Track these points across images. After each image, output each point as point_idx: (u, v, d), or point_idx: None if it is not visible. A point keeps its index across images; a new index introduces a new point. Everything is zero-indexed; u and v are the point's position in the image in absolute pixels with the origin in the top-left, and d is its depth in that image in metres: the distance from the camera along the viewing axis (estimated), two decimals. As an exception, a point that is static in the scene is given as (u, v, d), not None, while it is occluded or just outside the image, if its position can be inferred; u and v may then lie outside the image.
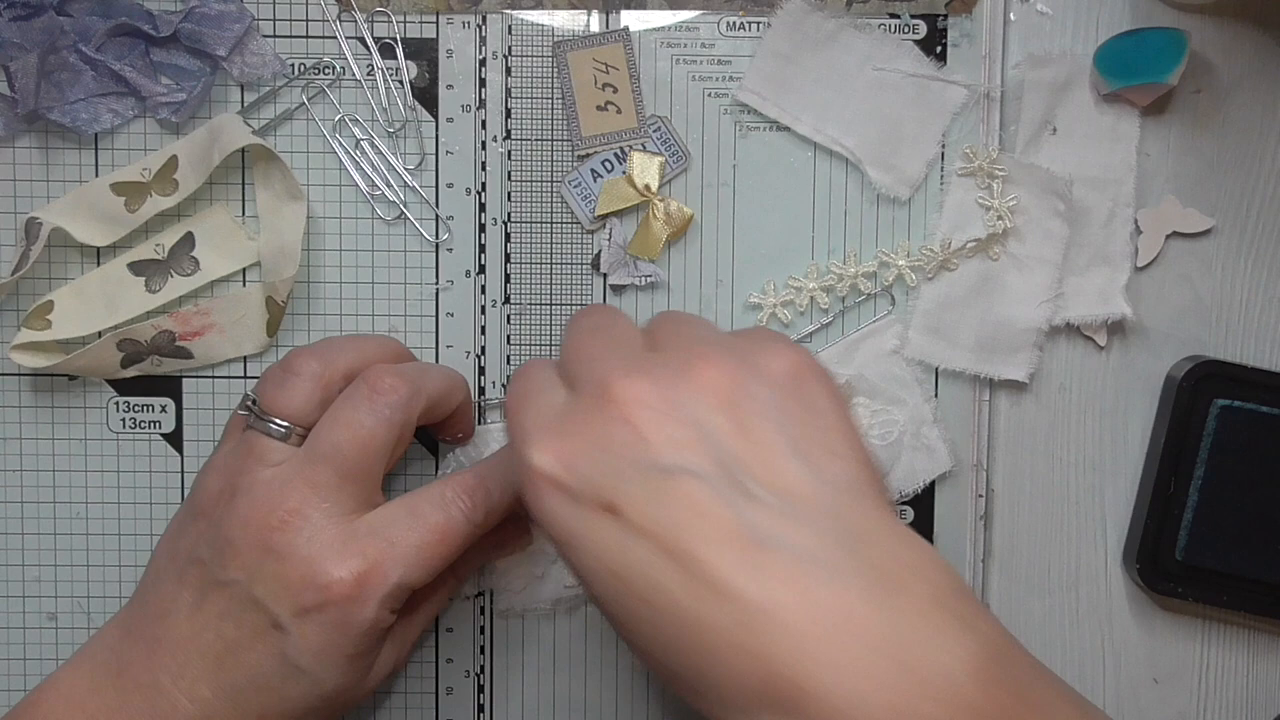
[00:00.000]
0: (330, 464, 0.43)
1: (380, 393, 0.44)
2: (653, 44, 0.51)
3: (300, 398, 0.44)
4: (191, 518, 0.45)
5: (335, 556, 0.42)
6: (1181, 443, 0.50)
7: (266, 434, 0.44)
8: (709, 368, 0.35)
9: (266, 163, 0.51)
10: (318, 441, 0.44)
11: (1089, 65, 0.51)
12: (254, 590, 0.42)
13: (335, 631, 0.42)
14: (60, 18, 0.50)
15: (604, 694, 0.53)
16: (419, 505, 0.44)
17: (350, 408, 0.44)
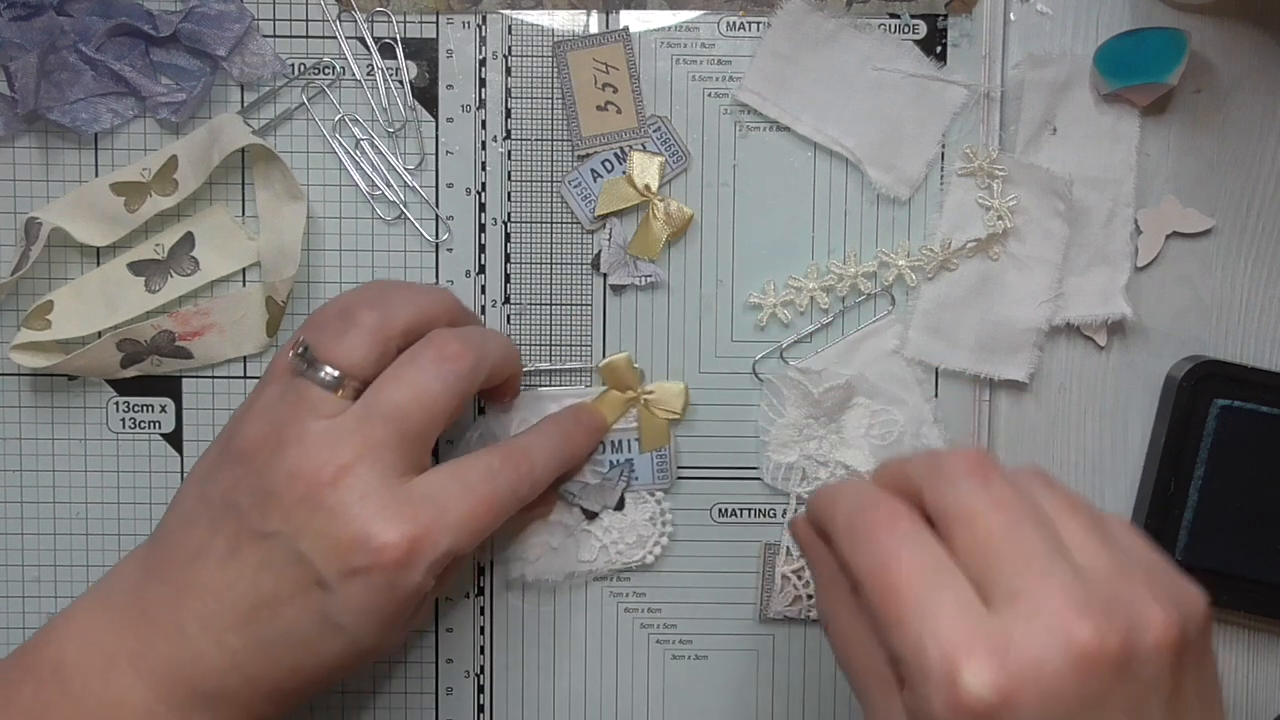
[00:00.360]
0: (391, 424, 0.42)
1: (448, 359, 0.43)
2: (653, 44, 0.51)
3: (359, 350, 0.43)
4: (228, 461, 0.43)
5: (388, 519, 0.41)
6: (1181, 443, 0.50)
7: (318, 383, 0.43)
8: (1158, 618, 0.32)
9: (266, 163, 0.51)
10: (379, 399, 0.42)
11: (1089, 65, 0.51)
12: (299, 545, 0.41)
13: (381, 594, 0.41)
14: (60, 18, 0.50)
15: (604, 694, 0.53)
16: (468, 474, 0.43)
17: (416, 369, 0.43)
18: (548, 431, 0.47)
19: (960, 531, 0.34)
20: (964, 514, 0.34)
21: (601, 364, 0.52)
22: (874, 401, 0.52)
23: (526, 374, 0.52)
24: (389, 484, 0.41)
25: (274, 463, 0.41)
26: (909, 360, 0.52)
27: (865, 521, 0.35)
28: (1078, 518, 0.35)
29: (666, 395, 0.52)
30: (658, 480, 0.52)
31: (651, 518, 0.52)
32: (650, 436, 0.52)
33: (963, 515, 0.34)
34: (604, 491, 0.51)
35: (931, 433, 0.52)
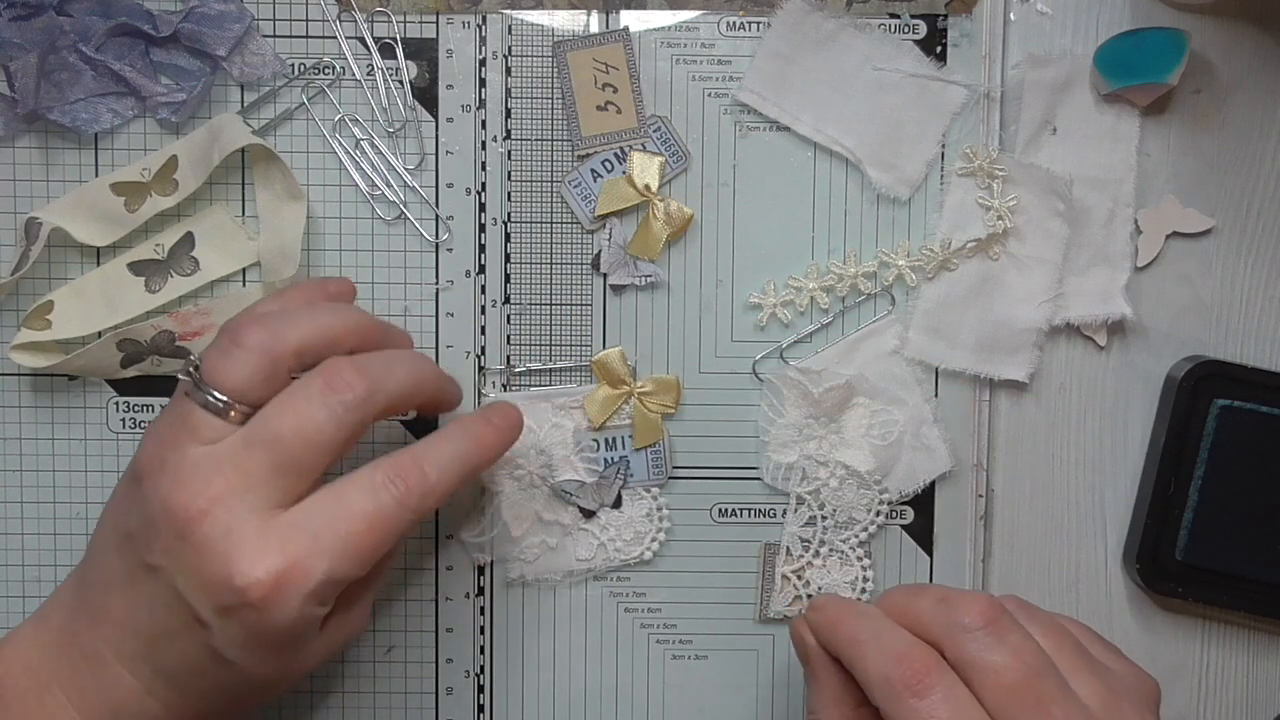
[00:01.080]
0: (268, 453, 0.40)
1: (336, 389, 0.41)
2: (653, 44, 0.51)
3: (244, 372, 0.41)
4: (128, 481, 0.42)
5: (253, 554, 0.39)
6: (1181, 443, 0.50)
7: (203, 406, 0.41)
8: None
9: (266, 163, 0.51)
10: (260, 427, 0.40)
11: (1089, 65, 0.51)
12: (175, 581, 0.40)
13: (256, 629, 0.40)
14: (60, 18, 0.50)
15: (604, 694, 0.53)
16: (346, 492, 0.41)
17: (302, 398, 0.41)
18: (448, 435, 0.44)
19: (987, 684, 0.37)
20: (987, 668, 0.38)
21: (594, 358, 0.52)
22: (874, 401, 0.52)
23: (525, 374, 0.52)
24: (259, 515, 0.40)
25: (155, 490, 0.40)
26: (909, 360, 0.52)
27: (903, 677, 0.38)
28: (1066, 648, 0.40)
29: (659, 389, 0.52)
30: (653, 476, 0.52)
31: (648, 514, 0.52)
32: (643, 432, 0.52)
33: (987, 669, 0.38)
34: (601, 489, 0.51)
35: (931, 433, 0.52)
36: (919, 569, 0.53)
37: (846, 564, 0.52)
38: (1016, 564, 0.53)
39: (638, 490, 0.52)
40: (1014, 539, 0.53)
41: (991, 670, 0.38)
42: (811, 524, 0.52)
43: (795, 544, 0.52)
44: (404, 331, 0.49)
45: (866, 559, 0.52)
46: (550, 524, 0.52)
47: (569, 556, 0.52)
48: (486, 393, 0.52)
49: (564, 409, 0.52)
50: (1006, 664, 0.37)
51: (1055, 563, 0.53)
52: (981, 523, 0.52)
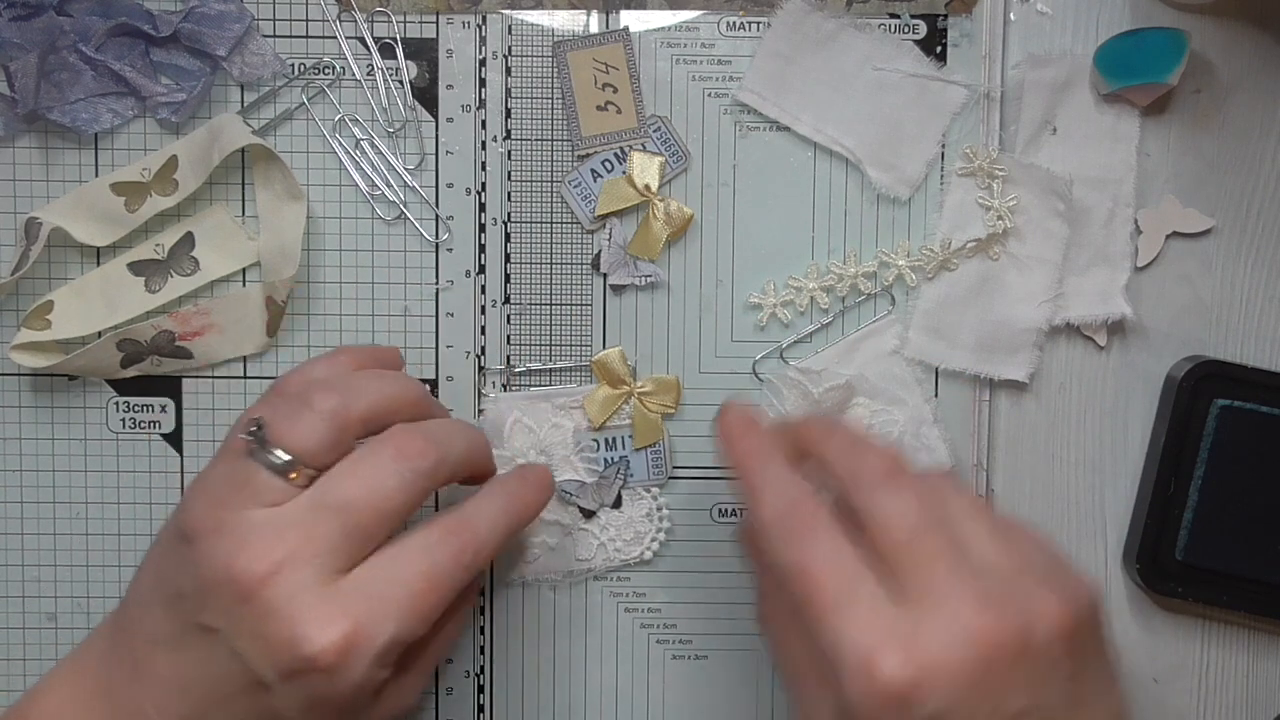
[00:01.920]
0: (337, 519, 0.40)
1: (409, 456, 0.41)
2: (653, 44, 0.51)
3: (314, 435, 0.40)
4: (176, 540, 0.41)
5: (320, 619, 0.38)
6: (1181, 443, 0.50)
7: (268, 467, 0.40)
8: (1052, 609, 0.37)
9: (266, 163, 0.51)
10: (328, 491, 0.40)
11: (1089, 65, 0.51)
12: (236, 644, 0.39)
13: (322, 694, 0.39)
14: (60, 18, 0.50)
15: (604, 694, 0.53)
16: (403, 554, 0.41)
17: (373, 464, 0.41)
18: (492, 495, 0.44)
19: (878, 535, 0.37)
20: (881, 520, 0.38)
21: (594, 358, 0.52)
22: (874, 401, 0.52)
23: (525, 373, 0.52)
24: (325, 581, 0.39)
25: (213, 552, 0.39)
26: (909, 360, 0.52)
27: (788, 524, 0.38)
28: (981, 521, 0.39)
29: (660, 389, 0.52)
30: (653, 476, 0.52)
31: (648, 514, 0.52)
32: (643, 432, 0.52)
33: (880, 521, 0.38)
34: (601, 490, 0.51)
35: (931, 433, 0.52)
36: (919, 569, 0.52)
37: (846, 564, 0.52)
38: (1016, 564, 0.53)
39: (637, 490, 0.52)
40: (1014, 539, 0.53)
41: (883, 522, 0.37)
42: (811, 524, 0.52)
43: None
44: (445, 408, 0.50)
45: (866, 559, 0.52)
46: (550, 524, 0.52)
47: (569, 557, 0.52)
48: (486, 392, 0.52)
49: (564, 409, 0.52)
50: (898, 517, 0.37)
51: (1055, 563, 0.53)
52: (981, 523, 0.52)
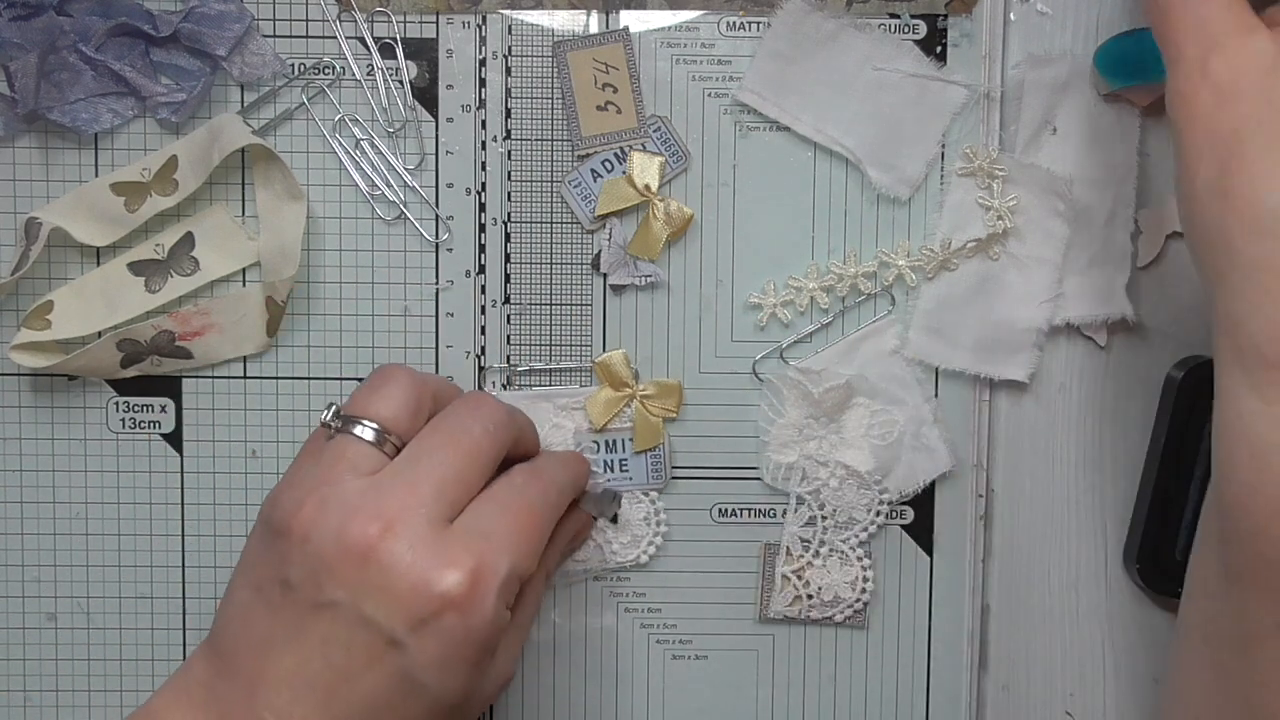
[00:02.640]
0: (436, 471, 0.41)
1: (485, 408, 0.44)
2: (653, 44, 0.51)
3: (396, 402, 0.43)
4: (272, 537, 0.41)
5: (445, 561, 0.39)
6: (1181, 443, 0.50)
7: (358, 439, 0.42)
8: None
9: (266, 163, 0.51)
10: (421, 449, 0.42)
11: (1089, 65, 0.51)
12: (363, 608, 0.39)
13: (458, 638, 0.39)
14: (60, 18, 0.50)
15: (604, 694, 0.53)
16: (499, 495, 0.43)
17: (455, 418, 0.43)
18: (551, 459, 0.47)
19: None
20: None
21: (597, 360, 0.52)
22: (874, 401, 0.52)
23: (527, 373, 0.52)
24: (437, 529, 0.40)
25: (320, 527, 0.40)
26: (909, 360, 0.52)
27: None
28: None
29: (662, 393, 0.52)
30: (652, 480, 0.52)
31: (646, 517, 0.52)
32: (644, 435, 0.52)
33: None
34: (603, 502, 0.51)
35: (931, 433, 0.52)
36: (919, 569, 0.53)
37: (846, 564, 0.52)
38: (1016, 564, 0.53)
39: (636, 494, 0.52)
40: (1014, 539, 0.53)
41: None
42: (811, 524, 0.52)
43: (795, 544, 0.52)
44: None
45: (866, 559, 0.52)
46: None
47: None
48: (487, 392, 0.52)
49: (565, 409, 0.52)
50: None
51: (1055, 563, 0.53)
52: (981, 523, 0.52)
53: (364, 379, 0.45)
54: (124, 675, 0.53)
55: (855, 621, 0.53)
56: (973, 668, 0.53)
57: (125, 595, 0.53)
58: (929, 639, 0.53)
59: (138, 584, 0.53)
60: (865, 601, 0.52)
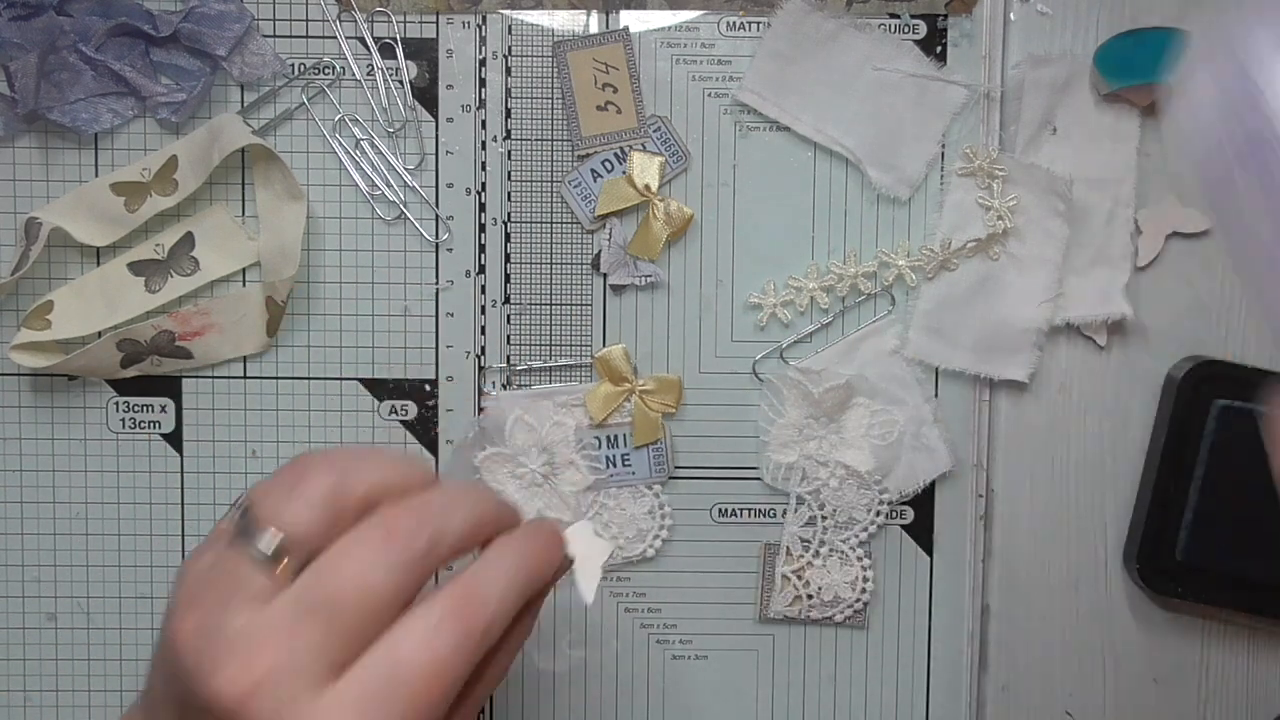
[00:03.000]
0: (322, 621, 0.36)
1: (399, 539, 0.37)
2: (653, 44, 0.51)
3: (306, 514, 0.36)
4: (165, 647, 0.37)
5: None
6: (1181, 443, 0.50)
7: (252, 558, 0.36)
8: None
9: (266, 163, 0.51)
10: (313, 588, 0.36)
11: (1089, 65, 0.51)
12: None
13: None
14: (60, 18, 0.50)
15: (604, 694, 0.53)
16: (401, 644, 0.36)
17: (360, 553, 0.36)
18: (501, 555, 0.39)
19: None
20: None
21: (597, 354, 0.52)
22: (874, 401, 0.52)
23: (526, 372, 0.52)
24: (313, 692, 0.35)
25: (195, 668, 0.36)
26: (909, 360, 0.52)
27: None
28: None
29: (661, 388, 0.52)
30: (654, 474, 0.52)
31: (650, 511, 0.52)
32: (643, 430, 0.52)
33: None
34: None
35: (931, 433, 0.52)
36: (919, 569, 0.53)
37: (846, 564, 0.52)
38: (1016, 564, 0.53)
39: (639, 488, 0.52)
40: (1014, 539, 0.53)
41: None
42: (811, 524, 0.52)
43: (795, 544, 0.52)
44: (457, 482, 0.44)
45: (866, 559, 0.52)
46: None
47: (569, 556, 0.52)
48: (488, 391, 0.52)
49: (565, 406, 0.52)
50: None
51: (1055, 563, 0.53)
52: (981, 523, 0.52)
53: (280, 468, 0.38)
54: (124, 675, 0.53)
55: (855, 621, 0.53)
56: (973, 668, 0.53)
57: (125, 595, 0.53)
58: (929, 639, 0.53)
59: (138, 584, 0.53)
60: (865, 601, 0.52)
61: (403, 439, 0.52)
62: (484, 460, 0.52)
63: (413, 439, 0.52)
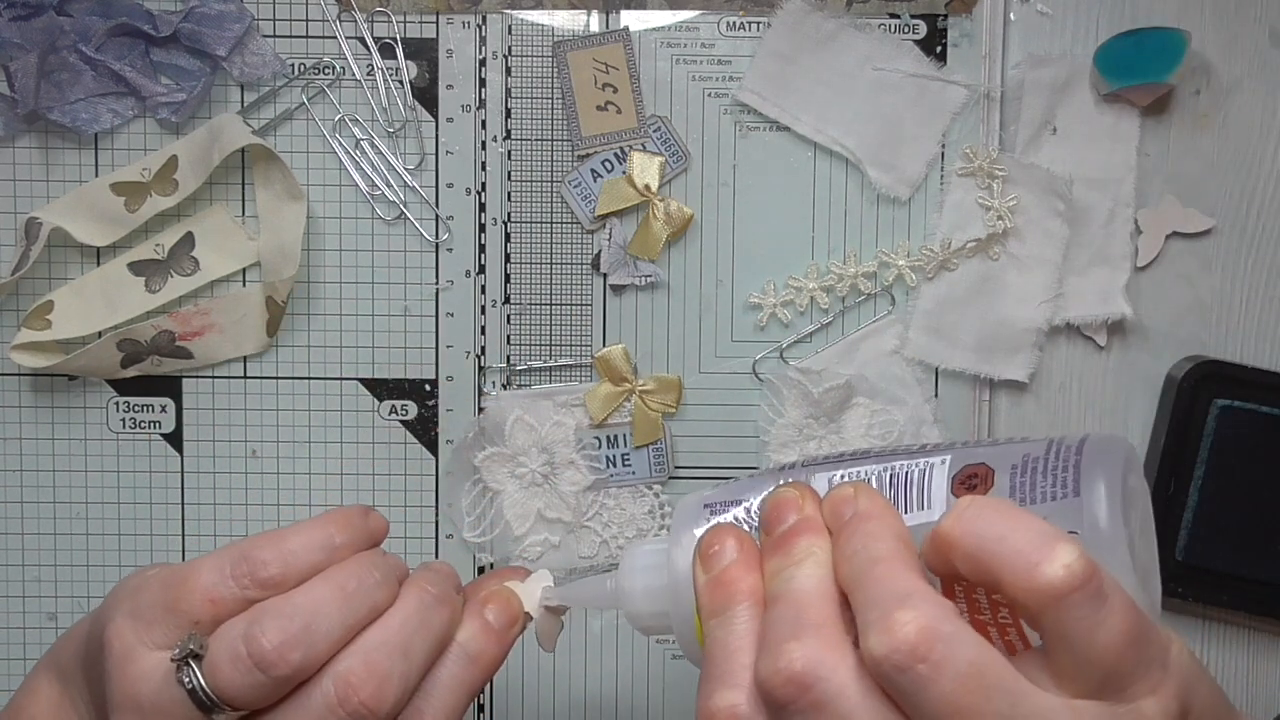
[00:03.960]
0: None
1: (348, 708, 0.34)
2: (653, 44, 0.51)
3: (256, 695, 0.34)
4: (100, 653, 0.36)
5: None
6: (1181, 443, 0.50)
7: (195, 703, 0.34)
8: None
9: (266, 163, 0.51)
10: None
11: (1089, 65, 0.51)
12: None
13: None
14: (60, 18, 0.50)
15: (604, 694, 0.53)
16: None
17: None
18: (449, 665, 0.37)
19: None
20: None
21: (597, 354, 0.52)
22: (874, 401, 0.52)
23: (526, 372, 0.52)
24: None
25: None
26: (909, 360, 0.52)
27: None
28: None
29: (661, 388, 0.52)
30: (654, 473, 0.52)
31: (650, 511, 0.52)
32: (643, 430, 0.52)
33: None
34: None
35: (931, 433, 0.52)
36: (919, 569, 0.52)
37: (846, 564, 0.52)
38: (1016, 564, 0.53)
39: (639, 488, 0.52)
40: (1014, 539, 0.53)
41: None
42: (811, 524, 0.52)
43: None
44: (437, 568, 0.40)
45: (866, 559, 0.52)
46: (553, 522, 0.52)
47: (571, 554, 0.52)
48: (488, 391, 0.52)
49: (565, 406, 0.52)
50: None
51: (1055, 563, 0.53)
52: (981, 523, 0.52)
53: (277, 536, 0.36)
54: (124, 675, 0.53)
55: (855, 621, 0.53)
56: (973, 668, 0.53)
57: (125, 595, 0.53)
58: (929, 639, 0.53)
59: (138, 584, 0.53)
60: (865, 601, 0.52)
61: (403, 439, 0.52)
62: (484, 460, 0.52)
63: (413, 439, 0.52)
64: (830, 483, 0.34)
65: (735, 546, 0.32)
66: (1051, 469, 0.31)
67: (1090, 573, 0.28)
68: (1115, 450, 0.31)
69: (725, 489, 0.35)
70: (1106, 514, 0.30)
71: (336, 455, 0.52)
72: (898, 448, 0.34)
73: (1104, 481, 0.30)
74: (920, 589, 0.29)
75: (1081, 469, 0.31)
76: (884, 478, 0.33)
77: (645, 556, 0.36)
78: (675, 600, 0.34)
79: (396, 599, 0.37)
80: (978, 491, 0.32)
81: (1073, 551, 0.28)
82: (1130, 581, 0.29)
